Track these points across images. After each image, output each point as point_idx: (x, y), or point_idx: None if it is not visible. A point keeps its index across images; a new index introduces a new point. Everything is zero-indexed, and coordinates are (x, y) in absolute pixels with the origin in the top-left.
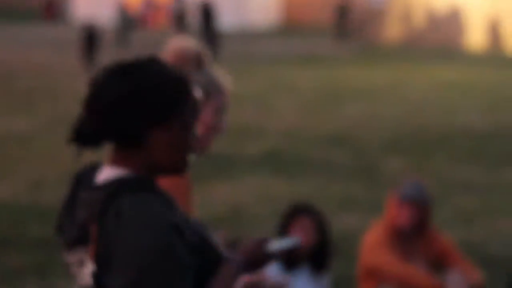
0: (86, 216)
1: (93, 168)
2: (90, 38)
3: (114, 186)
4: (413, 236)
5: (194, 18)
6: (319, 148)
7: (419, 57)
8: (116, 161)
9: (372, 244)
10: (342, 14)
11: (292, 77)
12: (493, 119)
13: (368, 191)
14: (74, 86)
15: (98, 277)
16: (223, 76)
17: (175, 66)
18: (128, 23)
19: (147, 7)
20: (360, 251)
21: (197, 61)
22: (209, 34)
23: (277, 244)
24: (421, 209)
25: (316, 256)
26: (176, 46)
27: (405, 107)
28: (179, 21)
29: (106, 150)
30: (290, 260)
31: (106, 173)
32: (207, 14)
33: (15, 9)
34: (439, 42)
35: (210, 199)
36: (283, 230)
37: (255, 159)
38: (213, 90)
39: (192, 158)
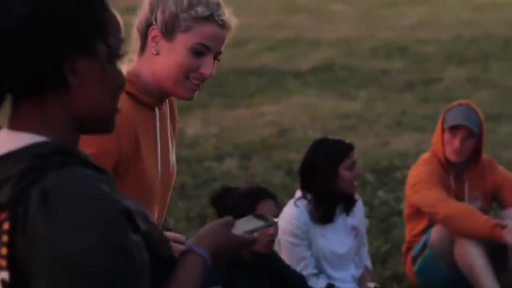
0: None
1: None
2: None
3: (29, 158)
4: (465, 168)
5: None
6: (375, 59)
7: None
8: (19, 122)
9: (419, 179)
10: None
11: None
12: None
13: (426, 106)
14: None
15: None
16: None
17: None
18: None
19: None
20: (406, 186)
21: None
22: None
23: (245, 226)
24: (473, 137)
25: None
26: None
27: (467, 12)
28: None
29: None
30: (326, 212)
31: (7, 142)
32: None
33: None
34: None
35: (256, 119)
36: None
37: (306, 73)
38: (192, 18)
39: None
